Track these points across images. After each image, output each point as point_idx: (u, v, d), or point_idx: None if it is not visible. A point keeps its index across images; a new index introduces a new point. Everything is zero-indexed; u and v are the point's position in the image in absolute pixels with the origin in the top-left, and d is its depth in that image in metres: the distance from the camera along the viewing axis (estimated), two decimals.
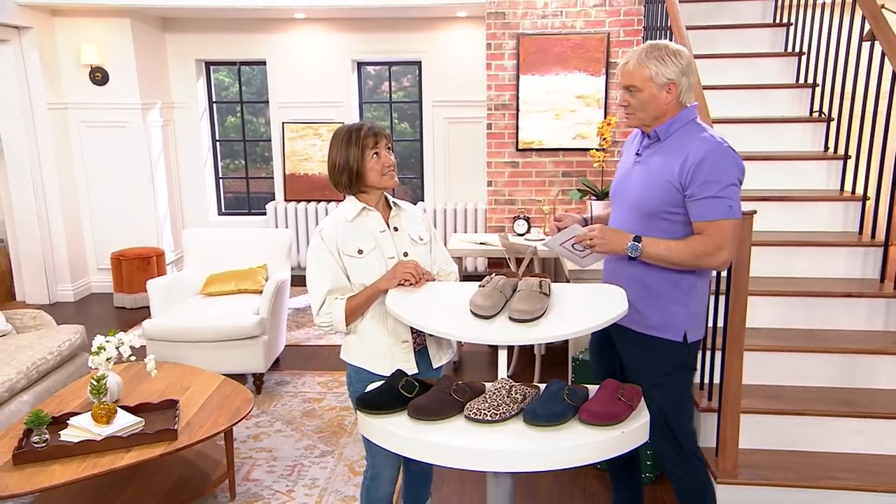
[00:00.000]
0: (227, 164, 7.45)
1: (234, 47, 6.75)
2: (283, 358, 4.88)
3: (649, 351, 2.37)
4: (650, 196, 2.28)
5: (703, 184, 2.17)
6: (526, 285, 2.12)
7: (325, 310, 2.27)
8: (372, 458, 2.42)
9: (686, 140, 2.26)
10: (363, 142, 2.26)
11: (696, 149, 2.20)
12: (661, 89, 2.24)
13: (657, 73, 2.23)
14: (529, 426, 1.87)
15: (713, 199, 2.17)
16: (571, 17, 4.68)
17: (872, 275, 3.57)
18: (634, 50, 2.32)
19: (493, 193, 4.97)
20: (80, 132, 6.36)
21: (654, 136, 2.33)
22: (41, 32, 5.95)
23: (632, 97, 2.29)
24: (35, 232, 6.17)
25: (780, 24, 4.66)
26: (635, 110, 2.30)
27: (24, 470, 2.60)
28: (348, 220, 2.31)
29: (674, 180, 2.22)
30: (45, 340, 3.90)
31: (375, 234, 2.32)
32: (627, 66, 2.29)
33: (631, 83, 2.27)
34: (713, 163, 2.17)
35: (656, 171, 2.28)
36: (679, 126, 2.29)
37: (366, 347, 2.34)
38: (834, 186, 3.96)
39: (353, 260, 2.28)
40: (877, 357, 3.25)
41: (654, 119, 2.30)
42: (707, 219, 2.19)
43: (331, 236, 2.29)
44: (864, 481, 2.91)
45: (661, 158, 2.28)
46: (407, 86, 7.19)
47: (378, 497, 2.46)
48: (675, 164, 2.22)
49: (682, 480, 2.51)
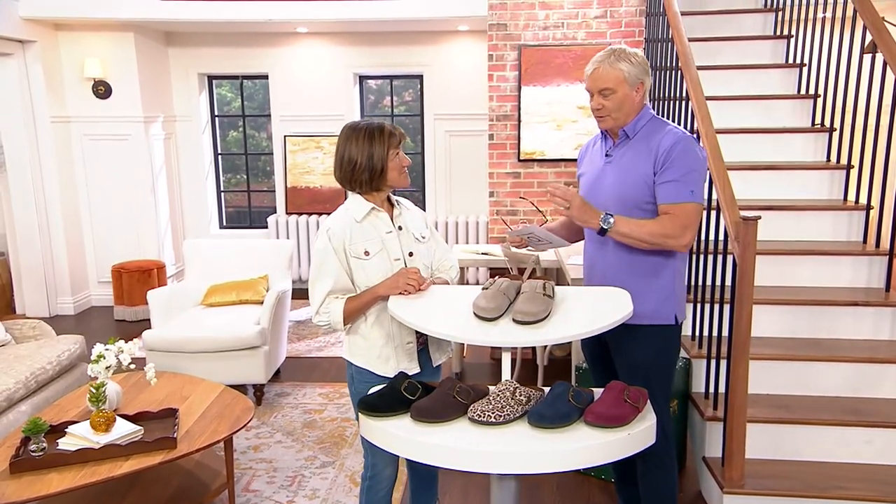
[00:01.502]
0: (228, 178, 7.46)
1: (237, 61, 6.78)
2: (284, 369, 4.84)
3: (645, 340, 2.41)
4: (629, 188, 2.36)
5: (669, 169, 2.30)
6: (529, 287, 2.10)
7: (323, 309, 2.28)
8: (371, 457, 2.40)
9: (653, 134, 2.38)
10: (388, 140, 2.29)
11: (666, 139, 2.33)
12: (632, 89, 2.34)
13: (629, 73, 2.33)
14: (534, 428, 1.84)
15: (677, 182, 2.29)
16: (573, 29, 4.69)
17: (878, 284, 3.55)
18: (598, 56, 2.39)
19: (495, 204, 4.96)
20: (82, 145, 6.37)
21: (622, 136, 2.41)
22: (45, 46, 5.98)
23: (606, 100, 2.35)
24: (36, 245, 6.16)
25: (780, 37, 4.68)
26: (610, 112, 2.36)
27: (21, 478, 2.56)
28: (357, 220, 2.30)
29: (648, 170, 2.33)
30: (44, 350, 3.87)
31: (382, 235, 2.32)
32: (598, 70, 2.35)
33: (606, 86, 2.34)
34: (680, 150, 2.30)
35: (631, 165, 2.37)
36: (644, 122, 2.41)
37: (370, 349, 2.34)
38: (837, 196, 3.95)
39: (359, 261, 2.28)
40: (884, 366, 3.22)
41: (627, 118, 2.38)
42: (672, 201, 2.30)
43: (338, 236, 2.28)
44: (873, 491, 2.87)
45: (634, 154, 2.38)
46: (408, 100, 7.21)
47: (378, 497, 2.43)
48: (649, 156, 2.34)
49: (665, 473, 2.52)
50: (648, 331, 2.40)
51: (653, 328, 2.41)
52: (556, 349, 4.85)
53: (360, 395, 2.33)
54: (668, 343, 2.46)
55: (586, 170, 2.58)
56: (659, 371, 2.46)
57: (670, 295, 2.42)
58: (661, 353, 2.46)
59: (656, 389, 2.40)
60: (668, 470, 2.54)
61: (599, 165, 2.49)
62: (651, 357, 2.43)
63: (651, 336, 2.41)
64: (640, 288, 2.37)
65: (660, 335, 2.43)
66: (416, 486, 2.66)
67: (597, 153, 2.55)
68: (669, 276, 2.41)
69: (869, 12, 3.58)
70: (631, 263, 2.40)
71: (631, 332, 2.37)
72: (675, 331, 2.46)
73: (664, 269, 2.40)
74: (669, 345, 2.47)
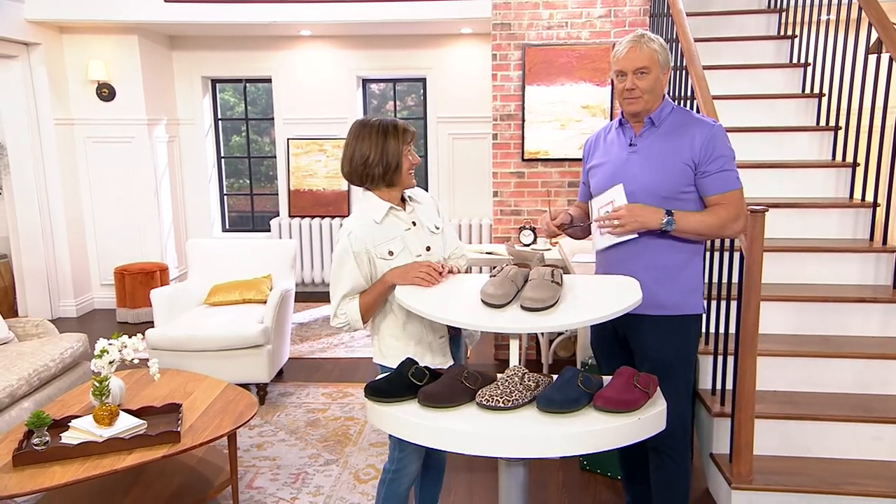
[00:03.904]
0: (231, 183, 7.45)
1: (240, 64, 6.79)
2: (287, 369, 4.82)
3: (670, 331, 2.38)
4: (666, 179, 2.31)
5: (715, 159, 2.28)
6: (538, 274, 2.09)
7: (340, 311, 2.27)
8: (400, 451, 2.37)
9: (682, 122, 2.36)
10: (402, 136, 2.27)
11: (701, 128, 2.32)
12: (662, 71, 2.33)
13: (661, 55, 2.31)
14: (543, 413, 1.82)
15: (725, 171, 2.30)
16: (577, 28, 4.69)
17: (885, 281, 3.53)
18: (628, 38, 2.35)
19: (499, 204, 4.95)
20: (85, 147, 6.37)
21: (647, 124, 2.38)
22: (49, 49, 6.00)
23: (640, 80, 2.30)
24: (39, 247, 6.15)
25: (784, 37, 4.67)
26: (643, 93, 2.31)
27: (24, 471, 2.54)
28: (377, 221, 2.27)
29: (686, 160, 2.30)
30: (46, 348, 3.85)
31: (402, 233, 2.30)
32: (634, 49, 2.30)
33: (642, 64, 2.29)
34: (720, 139, 2.30)
35: (664, 154, 2.33)
36: (668, 111, 2.39)
37: (404, 349, 2.31)
38: (843, 194, 3.94)
39: (384, 262, 2.26)
40: (892, 363, 3.19)
41: (655, 103, 2.35)
42: (723, 191, 2.30)
43: (360, 239, 2.25)
44: (884, 487, 2.84)
45: (665, 143, 2.35)
46: (411, 104, 7.22)
47: (400, 491, 2.41)
48: (685, 146, 2.30)
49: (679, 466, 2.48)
50: (674, 322, 2.38)
51: (679, 319, 2.39)
52: (561, 349, 4.83)
53: None
54: (693, 334, 2.45)
55: (602, 160, 2.49)
56: (683, 362, 2.44)
57: (697, 285, 2.41)
58: (686, 343, 2.44)
59: (681, 381, 2.40)
60: (684, 463, 2.50)
61: (622, 155, 2.42)
62: (676, 348, 2.41)
63: (677, 327, 2.39)
64: (667, 278, 2.35)
65: (686, 326, 2.41)
66: (424, 479, 2.64)
67: (613, 143, 2.48)
68: (695, 267, 2.40)
69: (875, 10, 3.58)
70: (657, 254, 2.36)
71: (656, 323, 2.35)
72: (699, 321, 2.45)
73: (690, 260, 2.39)
74: (694, 336, 2.46)
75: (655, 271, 2.35)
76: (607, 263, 2.49)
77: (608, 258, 2.48)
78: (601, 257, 2.53)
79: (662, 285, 2.34)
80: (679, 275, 2.37)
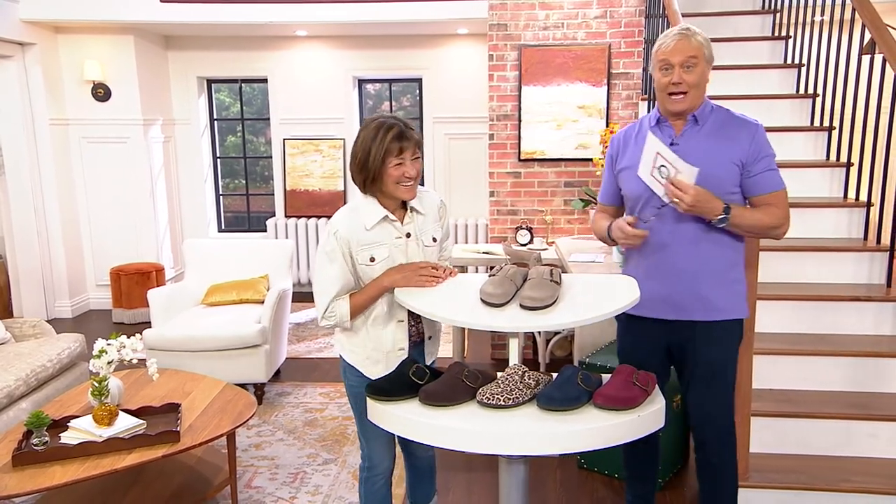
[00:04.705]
0: (226, 183, 7.45)
1: (236, 64, 6.79)
2: (284, 369, 4.83)
3: (724, 335, 2.37)
4: (714, 180, 2.22)
5: (763, 158, 2.27)
6: (537, 273, 2.10)
7: (328, 312, 2.21)
8: (368, 449, 2.38)
9: (725, 121, 2.31)
10: (388, 146, 2.07)
11: (746, 127, 2.28)
12: (707, 66, 2.26)
13: (707, 48, 2.24)
14: (543, 410, 1.84)
15: (772, 171, 2.29)
16: (573, 29, 4.71)
17: (879, 280, 3.56)
18: (677, 28, 2.27)
19: (496, 204, 4.96)
20: (81, 148, 6.36)
21: (691, 121, 2.31)
22: (44, 49, 5.98)
23: (687, 73, 2.21)
24: (34, 247, 6.13)
25: (778, 38, 4.70)
26: (690, 87, 2.22)
27: (23, 471, 2.54)
28: (367, 228, 2.17)
29: (735, 160, 2.25)
30: (44, 348, 3.85)
31: (391, 241, 2.20)
32: (682, 41, 2.21)
33: (692, 54, 2.20)
34: (765, 138, 2.28)
35: (710, 154, 2.26)
36: (710, 109, 2.32)
37: (361, 349, 2.28)
38: (837, 194, 3.96)
39: (364, 266, 2.20)
40: (887, 360, 3.22)
41: (699, 100, 2.28)
42: (772, 190, 2.28)
43: (345, 238, 2.17)
44: (879, 484, 2.88)
45: (711, 141, 2.28)
46: (407, 105, 7.23)
47: (376, 489, 2.41)
48: (733, 144, 2.26)
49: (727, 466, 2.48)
50: (727, 325, 2.36)
51: (731, 323, 2.36)
52: (557, 348, 4.84)
53: (352, 389, 2.34)
54: (741, 336, 2.43)
55: (637, 161, 2.34)
56: (734, 364, 2.43)
57: (741, 288, 2.38)
58: (736, 346, 2.42)
59: (731, 382, 2.41)
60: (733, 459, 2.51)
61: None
62: (730, 351, 2.40)
63: (730, 330, 2.38)
64: (719, 283, 2.32)
65: (736, 329, 2.39)
66: (413, 480, 2.63)
67: (653, 141, 2.31)
68: (741, 270, 2.38)
69: (868, 11, 3.61)
70: (708, 258, 2.31)
71: (711, 328, 2.34)
72: (741, 324, 2.42)
73: (738, 263, 2.37)
74: (741, 338, 2.44)
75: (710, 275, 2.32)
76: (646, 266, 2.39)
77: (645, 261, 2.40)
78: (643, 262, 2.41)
79: (716, 288, 2.32)
80: (728, 277, 2.34)
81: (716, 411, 2.42)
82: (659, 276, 2.36)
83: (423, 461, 2.58)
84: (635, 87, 4.77)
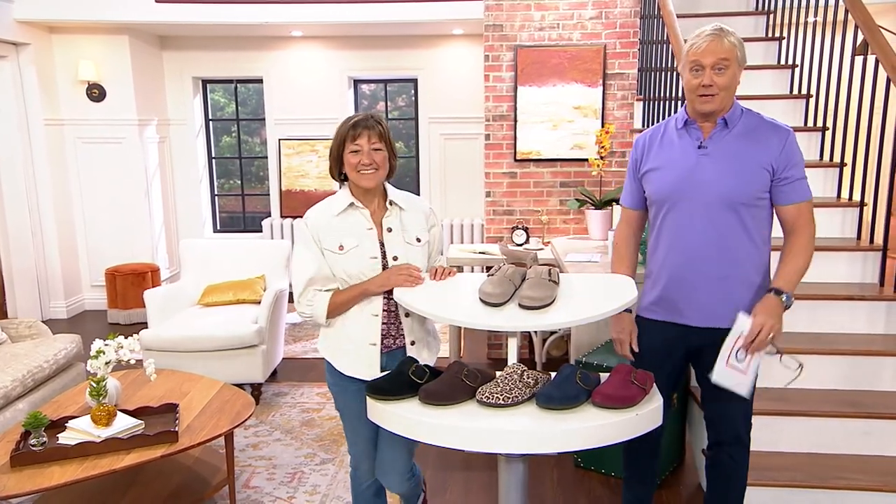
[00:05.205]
0: (222, 183, 7.44)
1: (231, 65, 6.79)
2: (281, 370, 4.83)
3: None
4: (744, 184, 2.21)
5: (794, 166, 2.21)
6: (535, 273, 2.12)
7: (306, 299, 2.21)
8: (352, 448, 2.39)
9: (756, 125, 2.26)
10: (345, 132, 2.19)
11: (778, 132, 2.23)
12: (739, 68, 2.20)
13: (739, 50, 2.18)
14: (543, 409, 1.85)
15: (802, 180, 2.23)
16: (568, 30, 4.74)
17: (872, 279, 3.58)
18: (710, 28, 2.21)
19: (492, 204, 4.98)
20: (75, 148, 6.34)
21: (721, 125, 2.26)
22: (39, 49, 5.97)
23: (719, 76, 2.16)
24: (28, 248, 6.11)
25: (772, 38, 4.73)
26: (720, 89, 2.17)
27: (22, 471, 2.55)
28: (334, 214, 2.24)
29: (766, 165, 2.20)
30: (40, 349, 3.84)
31: (362, 231, 2.23)
32: (714, 42, 2.15)
33: (725, 56, 2.14)
34: (796, 145, 2.23)
35: (741, 157, 2.22)
36: (740, 112, 2.27)
37: (336, 341, 2.28)
38: (830, 194, 3.99)
39: (333, 255, 2.21)
40: (880, 359, 3.25)
41: (729, 102, 2.23)
42: (800, 199, 2.24)
43: (314, 226, 2.23)
44: (873, 481, 2.89)
45: (741, 145, 2.23)
46: (402, 105, 7.24)
47: (360, 490, 2.42)
48: (763, 149, 2.21)
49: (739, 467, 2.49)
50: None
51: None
52: (553, 348, 4.86)
53: (330, 387, 2.37)
54: None
55: (663, 163, 2.34)
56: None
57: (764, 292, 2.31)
58: None
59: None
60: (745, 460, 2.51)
61: (691, 158, 2.28)
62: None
63: None
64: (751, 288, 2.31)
65: None
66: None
67: (674, 145, 2.33)
68: (768, 278, 2.35)
69: (860, 12, 3.64)
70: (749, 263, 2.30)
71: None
72: None
73: (767, 271, 2.35)
74: None
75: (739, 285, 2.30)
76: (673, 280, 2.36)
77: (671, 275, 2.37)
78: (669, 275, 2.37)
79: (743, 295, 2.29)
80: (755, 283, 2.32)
81: (736, 412, 2.41)
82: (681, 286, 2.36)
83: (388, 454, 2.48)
84: (630, 87, 4.79)
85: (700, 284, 2.31)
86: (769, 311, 2.19)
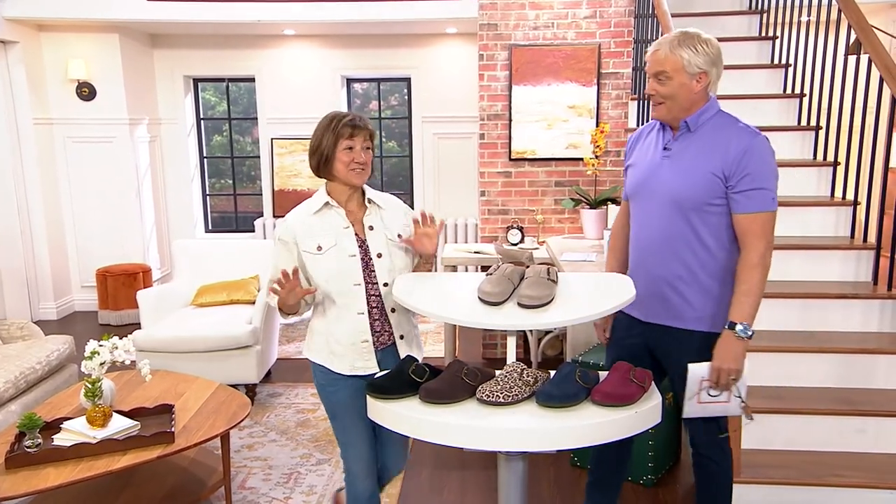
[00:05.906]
0: (213, 183, 7.41)
1: (223, 63, 6.75)
2: (275, 370, 4.81)
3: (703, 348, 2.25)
4: (692, 189, 2.20)
5: (749, 175, 2.13)
6: (534, 272, 2.12)
7: (269, 297, 2.25)
8: (344, 451, 2.38)
9: (721, 130, 2.22)
10: (339, 130, 2.21)
11: (738, 138, 2.17)
12: (691, 78, 2.18)
13: (689, 61, 2.16)
14: (542, 407, 1.86)
15: (761, 190, 2.14)
16: (563, 29, 4.74)
17: (865, 277, 3.60)
18: (665, 37, 2.23)
19: (486, 203, 4.98)
20: (65, 148, 6.30)
21: (683, 128, 2.25)
22: (27, 47, 5.92)
23: (661, 85, 2.20)
24: (18, 248, 6.06)
25: (765, 38, 4.76)
26: (664, 99, 2.21)
27: (17, 473, 2.53)
28: (310, 213, 2.27)
29: (716, 170, 2.16)
30: (32, 350, 3.81)
31: (339, 230, 2.25)
32: (658, 53, 2.20)
33: (662, 69, 2.18)
34: (758, 153, 2.14)
35: (695, 163, 2.21)
36: (709, 116, 2.24)
37: (326, 345, 2.30)
38: (824, 193, 4.01)
39: (311, 256, 2.23)
40: (874, 357, 3.27)
41: (682, 110, 2.22)
42: (752, 210, 2.15)
43: (290, 229, 2.25)
44: (867, 479, 2.91)
45: (698, 150, 2.22)
46: (395, 104, 7.23)
47: (357, 493, 2.40)
48: (718, 155, 2.17)
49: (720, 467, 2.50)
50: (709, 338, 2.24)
51: (704, 335, 2.26)
52: (548, 348, 4.87)
53: (322, 389, 2.36)
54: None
55: (637, 161, 2.39)
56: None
57: (726, 303, 2.24)
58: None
59: None
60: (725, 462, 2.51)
61: (655, 159, 2.31)
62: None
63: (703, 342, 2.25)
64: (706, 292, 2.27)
65: (709, 343, 2.23)
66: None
67: (651, 144, 2.36)
68: (729, 283, 2.25)
69: (853, 12, 3.66)
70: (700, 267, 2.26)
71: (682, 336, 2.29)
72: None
73: (728, 276, 2.26)
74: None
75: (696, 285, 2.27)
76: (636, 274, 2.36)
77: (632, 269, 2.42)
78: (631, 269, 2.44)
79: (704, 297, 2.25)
80: (715, 289, 2.26)
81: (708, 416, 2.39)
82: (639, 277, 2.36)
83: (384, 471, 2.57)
84: (625, 86, 4.80)
85: (650, 282, 2.31)
86: (723, 356, 2.16)
